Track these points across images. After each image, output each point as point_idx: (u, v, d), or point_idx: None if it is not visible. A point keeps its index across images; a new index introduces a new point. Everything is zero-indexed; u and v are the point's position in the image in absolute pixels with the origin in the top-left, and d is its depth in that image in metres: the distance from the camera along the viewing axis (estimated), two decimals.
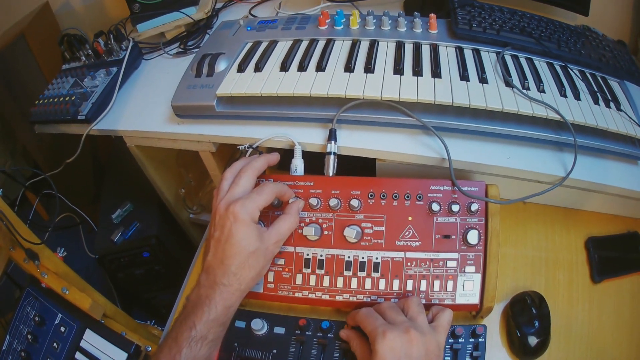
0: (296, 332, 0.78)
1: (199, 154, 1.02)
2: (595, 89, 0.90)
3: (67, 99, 1.02)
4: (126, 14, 1.24)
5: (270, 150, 0.86)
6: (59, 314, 0.97)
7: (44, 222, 1.23)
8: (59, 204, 1.07)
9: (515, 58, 0.93)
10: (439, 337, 0.67)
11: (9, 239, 0.95)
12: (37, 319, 0.97)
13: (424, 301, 0.74)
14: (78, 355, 0.94)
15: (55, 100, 1.04)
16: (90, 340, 0.95)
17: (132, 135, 1.03)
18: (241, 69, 0.91)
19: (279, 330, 0.78)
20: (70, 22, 1.50)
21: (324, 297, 0.77)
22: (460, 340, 0.75)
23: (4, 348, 1.00)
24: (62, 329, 0.96)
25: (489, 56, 0.92)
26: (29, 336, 0.97)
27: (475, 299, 0.75)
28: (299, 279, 0.77)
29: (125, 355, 0.93)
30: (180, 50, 1.18)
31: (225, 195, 0.71)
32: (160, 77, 1.10)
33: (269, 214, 0.80)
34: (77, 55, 1.14)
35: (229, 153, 1.03)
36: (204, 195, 1.37)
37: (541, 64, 0.93)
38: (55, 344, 0.95)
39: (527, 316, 0.78)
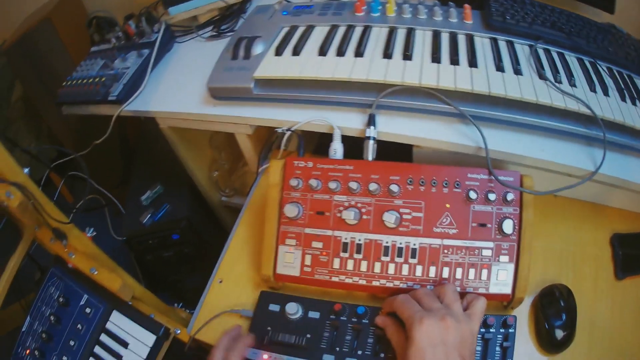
0: (331, 316, 0.78)
1: (235, 136, 1.03)
2: (622, 86, 0.91)
3: (97, 80, 1.03)
4: None
5: (306, 133, 0.86)
6: (85, 295, 0.96)
7: (68, 204, 1.22)
8: (86, 187, 1.06)
9: (547, 52, 0.94)
10: (473, 324, 0.68)
11: (34, 218, 0.93)
12: (61, 299, 0.96)
13: (458, 289, 0.75)
14: (103, 337, 0.93)
15: (85, 81, 1.05)
16: (117, 322, 0.94)
17: (165, 117, 1.04)
18: (279, 52, 0.92)
19: (314, 314, 0.79)
20: (96, 4, 1.50)
21: (360, 282, 0.77)
22: (491, 330, 0.75)
23: (23, 329, 0.99)
24: (88, 310, 0.95)
25: (522, 49, 0.94)
26: (52, 317, 0.96)
27: (507, 289, 0.76)
28: (336, 263, 0.78)
29: (153, 337, 0.92)
30: (213, 33, 1.18)
31: None
32: (194, 60, 1.11)
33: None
34: (106, 37, 1.15)
35: (264, 135, 1.03)
36: (236, 178, 1.38)
37: (572, 59, 0.95)
38: (79, 326, 0.94)
39: (555, 309, 0.79)
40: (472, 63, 0.87)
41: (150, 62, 1.06)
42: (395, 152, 0.87)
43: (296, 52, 0.92)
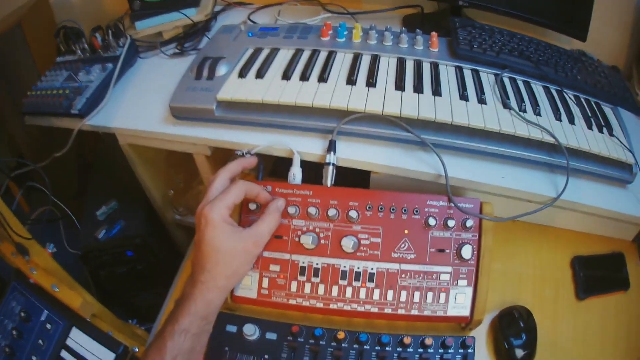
0: (288, 338, 0.83)
1: (193, 156, 1.07)
2: (589, 114, 0.98)
3: (60, 92, 1.05)
4: (122, 9, 1.29)
5: (263, 156, 0.92)
6: (45, 311, 0.99)
7: (25, 214, 1.23)
8: (42, 198, 1.09)
9: (513, 80, 1.01)
10: None
11: None
12: (22, 314, 0.98)
13: (416, 312, 0.81)
14: (64, 353, 0.96)
15: (49, 92, 1.07)
16: (77, 339, 0.97)
17: (125, 134, 1.07)
18: (242, 74, 0.97)
19: (271, 335, 0.84)
20: (66, 14, 1.52)
21: (317, 305, 0.82)
22: (450, 350, 0.81)
23: None
24: (48, 326, 0.98)
25: (487, 77, 1.00)
26: (14, 332, 0.98)
27: (466, 312, 0.81)
28: (294, 286, 0.83)
29: (113, 355, 0.95)
30: (177, 51, 1.22)
31: (203, 199, 0.78)
32: (156, 77, 1.15)
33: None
34: (72, 48, 1.17)
35: (223, 157, 1.06)
36: (191, 197, 1.43)
37: (538, 88, 1.02)
38: (40, 341, 0.97)
39: (515, 329, 0.85)
40: (436, 92, 0.93)
41: (114, 77, 1.09)
42: (352, 178, 0.92)
43: (260, 74, 0.96)
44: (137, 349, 0.96)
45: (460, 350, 0.81)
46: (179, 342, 0.69)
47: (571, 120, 0.94)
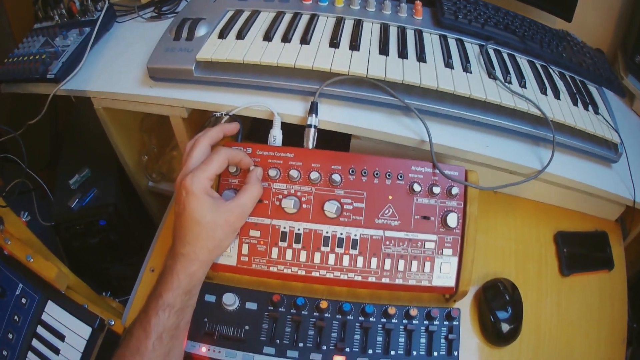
0: (269, 308, 0.85)
1: (170, 119, 1.08)
2: (575, 91, 1.04)
3: (37, 57, 1.06)
4: None
5: (245, 120, 0.94)
6: (20, 284, 0.98)
7: None
8: (14, 169, 1.10)
9: (498, 53, 1.06)
10: None
11: None
12: None
13: (401, 281, 0.83)
14: (40, 329, 0.96)
15: (25, 58, 1.08)
16: (52, 313, 0.97)
17: (101, 97, 1.08)
18: (223, 35, 0.99)
19: (251, 305, 0.86)
20: None
21: (299, 272, 0.84)
22: (435, 322, 0.85)
23: None
24: (24, 300, 0.97)
25: (472, 48, 1.05)
26: None
27: (451, 282, 0.85)
28: (274, 252, 0.85)
29: (89, 329, 0.95)
30: (154, 14, 1.24)
31: (183, 168, 0.80)
32: (133, 40, 1.16)
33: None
34: (50, 14, 1.19)
35: (199, 120, 1.08)
36: (163, 163, 1.45)
37: (523, 61, 1.07)
38: (16, 317, 0.97)
39: (501, 302, 0.89)
40: (421, 58, 0.97)
41: (90, 41, 1.11)
42: (331, 144, 0.94)
43: (240, 35, 0.99)
44: (112, 322, 0.97)
45: (446, 322, 0.85)
46: (163, 318, 0.71)
47: (556, 95, 0.99)
